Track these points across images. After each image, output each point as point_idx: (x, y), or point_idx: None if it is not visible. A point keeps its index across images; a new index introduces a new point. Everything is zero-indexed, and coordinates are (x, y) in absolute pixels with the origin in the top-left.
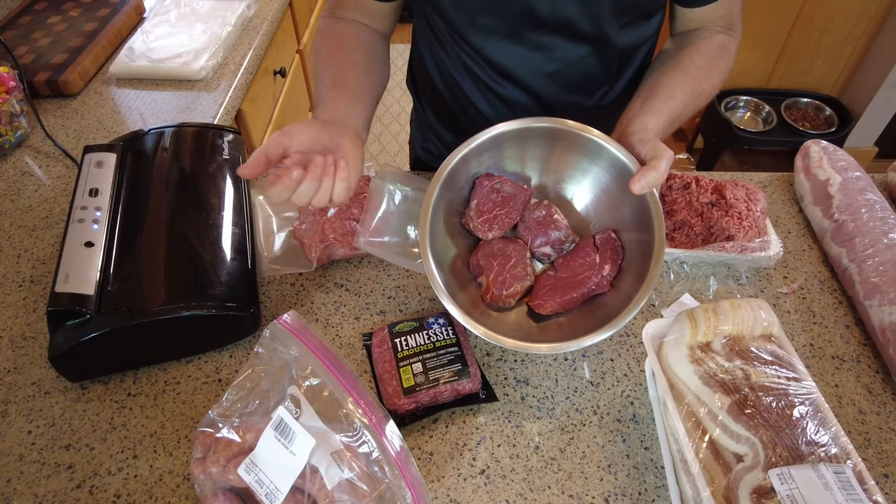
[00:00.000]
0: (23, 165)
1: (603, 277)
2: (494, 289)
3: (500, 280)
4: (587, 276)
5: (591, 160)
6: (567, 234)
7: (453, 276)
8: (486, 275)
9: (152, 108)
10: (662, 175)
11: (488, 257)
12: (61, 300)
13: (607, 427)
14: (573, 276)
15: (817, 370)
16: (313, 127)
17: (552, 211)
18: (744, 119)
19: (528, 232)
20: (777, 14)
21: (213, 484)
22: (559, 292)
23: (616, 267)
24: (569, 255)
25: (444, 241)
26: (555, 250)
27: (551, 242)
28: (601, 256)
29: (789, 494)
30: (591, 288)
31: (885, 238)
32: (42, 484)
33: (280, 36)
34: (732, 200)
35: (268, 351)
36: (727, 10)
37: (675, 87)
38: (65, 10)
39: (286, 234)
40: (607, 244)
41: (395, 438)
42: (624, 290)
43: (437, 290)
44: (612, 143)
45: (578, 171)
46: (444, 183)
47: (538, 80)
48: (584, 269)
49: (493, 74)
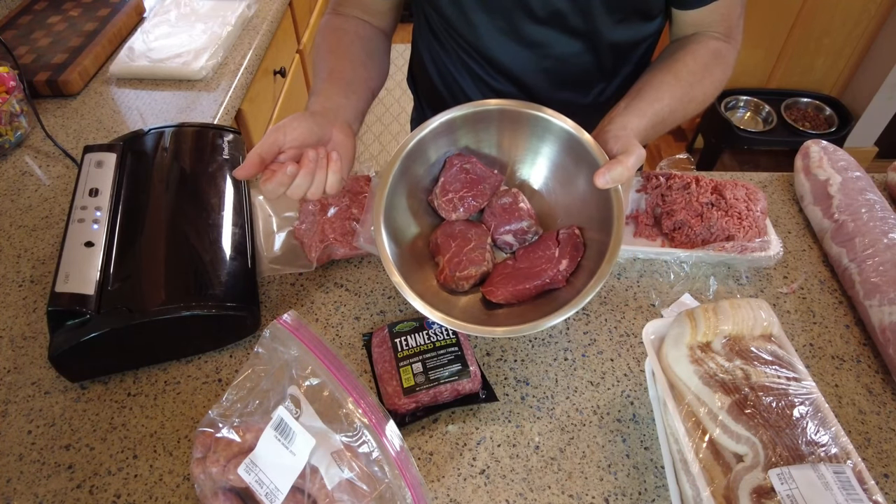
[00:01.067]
0: (23, 165)
1: (559, 272)
2: (448, 269)
3: (456, 262)
4: (543, 269)
5: (549, 143)
6: (530, 224)
7: (412, 255)
8: (442, 254)
9: (152, 107)
10: (629, 171)
11: (447, 237)
12: (61, 300)
13: (607, 427)
14: (530, 268)
15: (817, 370)
16: (305, 121)
17: (518, 199)
18: (744, 119)
19: (492, 218)
20: (777, 14)
21: (213, 484)
22: (513, 281)
23: (574, 263)
24: (530, 247)
25: (405, 219)
26: (517, 240)
27: (514, 231)
28: (561, 251)
29: (789, 494)
30: (546, 281)
31: (885, 238)
32: (42, 484)
33: (280, 36)
34: (732, 200)
35: (268, 351)
36: (724, 15)
37: (664, 90)
38: (65, 10)
39: (286, 234)
40: (570, 240)
41: (395, 438)
42: (577, 286)
43: (385, 262)
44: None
45: (540, 155)
46: (407, 157)
47: (534, 76)
48: (542, 261)
49: (490, 71)
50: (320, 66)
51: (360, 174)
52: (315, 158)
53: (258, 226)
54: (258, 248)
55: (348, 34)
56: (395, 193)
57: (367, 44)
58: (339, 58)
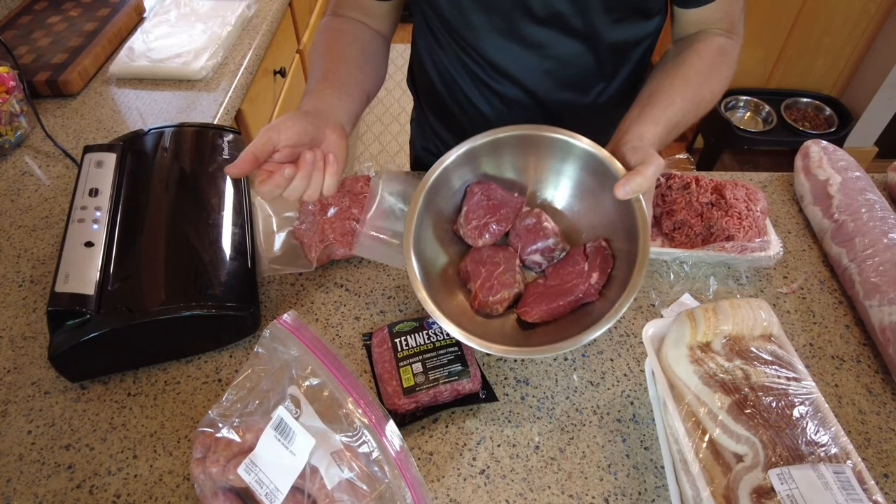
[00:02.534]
0: (23, 165)
1: (591, 286)
2: (481, 295)
3: (488, 286)
4: (575, 284)
5: (570, 163)
6: (557, 241)
7: (443, 284)
8: (473, 281)
9: (152, 107)
10: (648, 181)
11: (476, 263)
12: (61, 300)
13: (607, 427)
14: (562, 284)
15: (817, 370)
16: (299, 120)
17: (542, 219)
18: (744, 119)
19: (518, 240)
20: (777, 14)
21: (213, 484)
22: (546, 300)
23: (605, 276)
24: (559, 264)
25: (433, 250)
26: (545, 258)
27: (541, 250)
28: (590, 265)
29: (789, 494)
30: (579, 296)
31: (885, 238)
32: (42, 484)
33: (280, 36)
34: (732, 200)
35: (268, 351)
36: (726, 11)
37: (675, 94)
38: (65, 10)
39: (286, 234)
40: (598, 253)
41: (394, 438)
42: (611, 298)
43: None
44: (596, 147)
45: (562, 175)
46: (430, 191)
47: (534, 77)
48: (573, 277)
49: (489, 72)
50: (316, 66)
51: (361, 174)
52: (312, 161)
53: (258, 226)
54: (258, 248)
55: (346, 36)
56: (422, 226)
57: (364, 46)
58: (335, 59)
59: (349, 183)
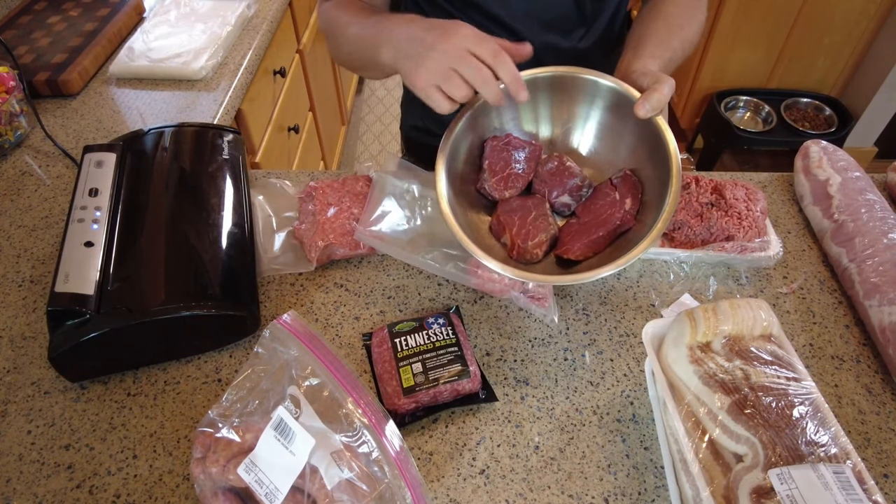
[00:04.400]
0: (23, 165)
1: (626, 212)
2: (519, 241)
3: (524, 233)
4: (610, 214)
5: (591, 102)
6: (583, 178)
7: (478, 245)
8: (507, 231)
9: (152, 107)
10: (666, 97)
11: (508, 213)
12: (61, 300)
13: (607, 427)
14: (596, 217)
15: (817, 370)
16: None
17: (564, 160)
18: (744, 119)
19: (543, 185)
20: (777, 14)
21: (213, 484)
22: (585, 234)
23: (637, 201)
24: (588, 201)
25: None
26: (573, 198)
27: (568, 191)
28: (621, 193)
29: (789, 494)
30: (616, 224)
31: (884, 238)
32: (42, 484)
33: (280, 36)
34: (732, 200)
35: (268, 351)
36: None
37: (662, 34)
38: (64, 10)
39: (286, 234)
40: (626, 181)
41: (394, 438)
42: (648, 223)
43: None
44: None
45: (580, 117)
46: (449, 157)
47: (518, 18)
48: (606, 207)
49: (477, 18)
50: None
51: (361, 174)
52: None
53: (258, 226)
54: (258, 248)
55: (355, 3)
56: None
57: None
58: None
59: (349, 183)
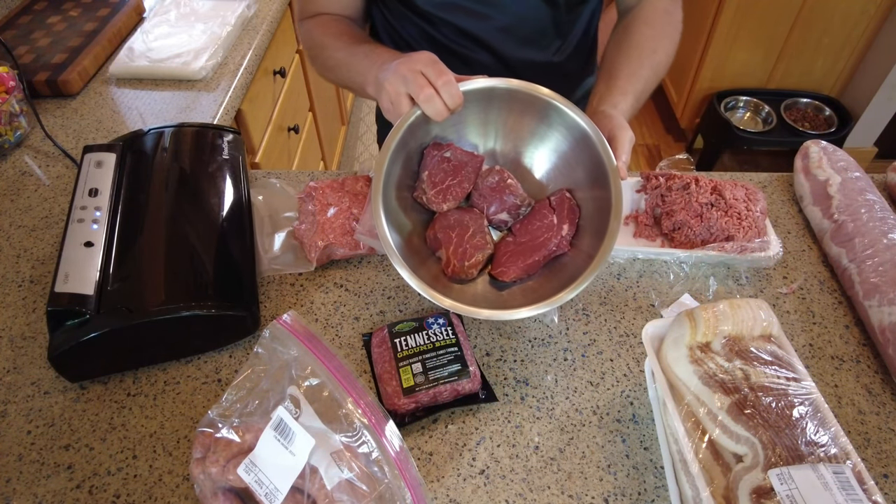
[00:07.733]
0: (22, 165)
1: (562, 238)
2: (455, 261)
3: (461, 251)
4: (547, 238)
5: (547, 124)
6: (523, 197)
7: (410, 253)
8: (444, 248)
9: (152, 108)
10: (628, 153)
11: (446, 229)
12: (61, 300)
13: (607, 427)
14: (533, 240)
15: (817, 370)
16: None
17: (505, 176)
18: (743, 119)
19: (482, 200)
20: (777, 14)
21: (213, 484)
22: (521, 257)
23: (574, 226)
24: (526, 220)
25: (397, 218)
26: (511, 216)
27: (507, 208)
28: (558, 217)
29: (789, 495)
30: (552, 249)
31: (884, 238)
32: (41, 484)
33: (280, 36)
34: (732, 201)
35: (267, 351)
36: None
37: (634, 64)
38: (65, 10)
39: (286, 234)
40: (563, 204)
41: (394, 438)
42: (584, 248)
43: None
44: (572, 108)
45: (533, 135)
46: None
47: (494, 35)
48: (543, 231)
49: (451, 35)
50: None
51: (361, 174)
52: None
53: (258, 226)
54: (258, 248)
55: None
56: (387, 194)
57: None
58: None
59: (349, 183)
